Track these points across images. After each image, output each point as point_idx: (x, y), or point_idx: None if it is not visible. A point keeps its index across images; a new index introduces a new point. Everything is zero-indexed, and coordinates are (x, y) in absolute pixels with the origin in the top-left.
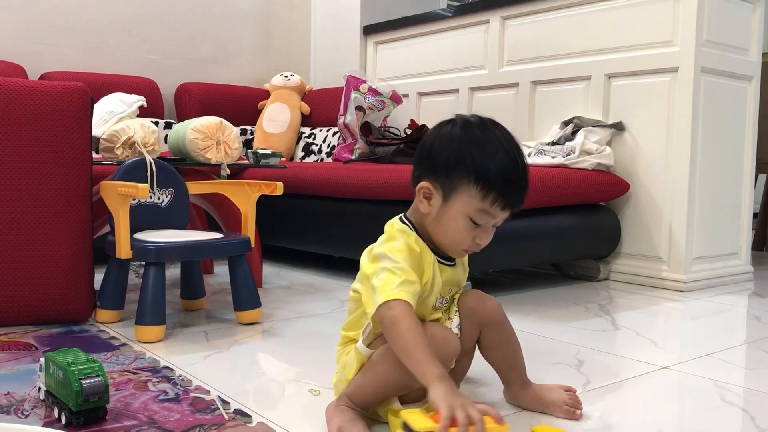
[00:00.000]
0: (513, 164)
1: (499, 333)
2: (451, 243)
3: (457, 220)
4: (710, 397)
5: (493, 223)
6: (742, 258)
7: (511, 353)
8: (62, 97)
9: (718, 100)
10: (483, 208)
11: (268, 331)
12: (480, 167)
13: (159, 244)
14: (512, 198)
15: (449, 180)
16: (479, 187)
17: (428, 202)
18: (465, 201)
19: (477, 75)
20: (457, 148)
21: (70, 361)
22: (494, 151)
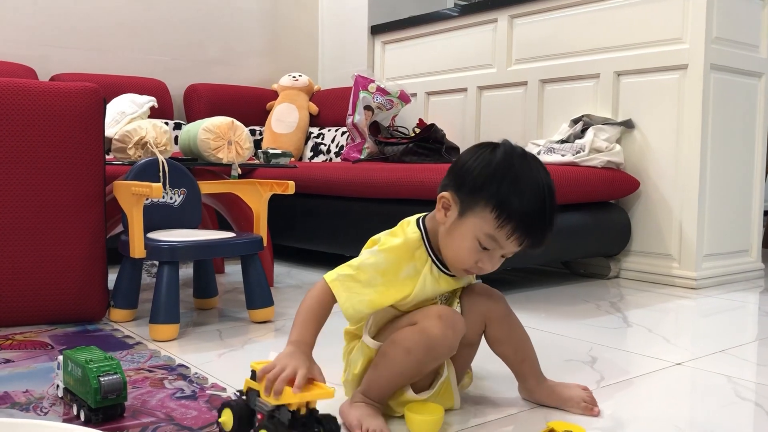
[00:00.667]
0: (538, 207)
1: (505, 326)
2: (454, 259)
3: (465, 238)
4: (725, 393)
5: (502, 253)
6: (752, 255)
7: (520, 345)
8: (75, 98)
9: (728, 97)
10: (494, 235)
11: (281, 329)
12: (504, 198)
13: (173, 243)
14: (529, 237)
15: (471, 198)
16: (495, 215)
17: (445, 213)
18: (478, 223)
19: (485, 74)
20: (489, 174)
21: (89, 359)
22: (525, 188)
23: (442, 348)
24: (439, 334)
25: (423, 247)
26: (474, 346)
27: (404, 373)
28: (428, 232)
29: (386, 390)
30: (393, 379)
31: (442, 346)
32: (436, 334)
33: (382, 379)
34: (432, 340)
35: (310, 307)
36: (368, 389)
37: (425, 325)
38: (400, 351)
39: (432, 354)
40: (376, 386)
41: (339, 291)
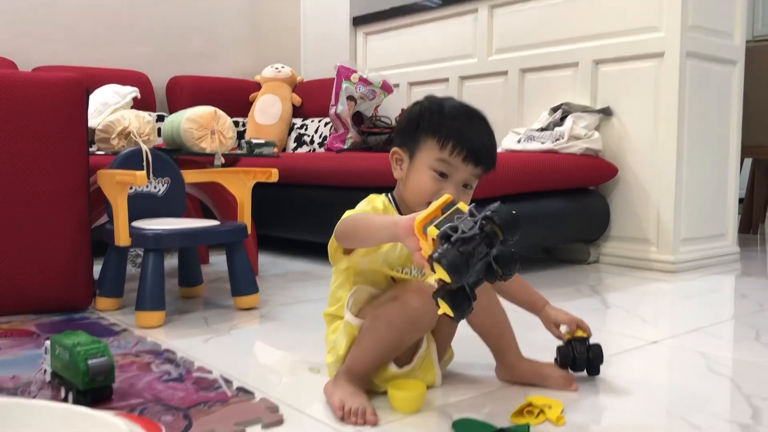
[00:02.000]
0: (468, 114)
1: (484, 299)
2: (417, 197)
3: (421, 172)
4: (698, 369)
5: (461, 177)
6: (728, 239)
7: (499, 319)
8: (58, 89)
9: (704, 84)
10: (442, 157)
11: (266, 316)
12: (438, 121)
13: (157, 231)
14: (469, 145)
15: (413, 139)
16: (437, 138)
17: (400, 166)
18: (426, 153)
19: (466, 64)
20: (418, 112)
21: (76, 342)
22: (453, 110)
23: (423, 319)
24: (419, 305)
25: (392, 209)
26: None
27: (387, 347)
28: (396, 200)
29: (370, 365)
30: (377, 354)
31: (423, 317)
32: (416, 306)
33: (366, 355)
34: (413, 311)
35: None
36: (352, 366)
37: (406, 299)
38: (382, 325)
39: (413, 326)
40: (360, 362)
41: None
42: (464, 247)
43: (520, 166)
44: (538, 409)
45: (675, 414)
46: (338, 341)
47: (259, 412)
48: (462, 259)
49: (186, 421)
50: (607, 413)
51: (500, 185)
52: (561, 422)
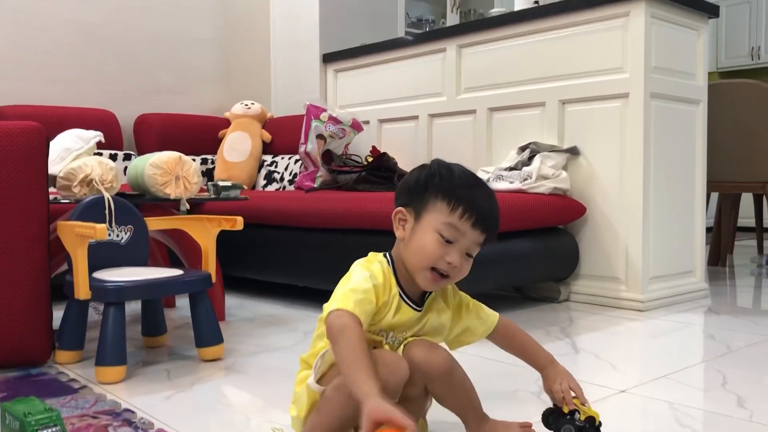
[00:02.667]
0: (480, 186)
1: (447, 384)
2: (420, 260)
3: (426, 234)
4: (666, 420)
5: (465, 244)
6: (697, 276)
7: (463, 399)
8: (17, 138)
9: (669, 123)
10: (451, 221)
11: (231, 367)
12: (448, 185)
13: (119, 284)
14: (479, 211)
15: (421, 199)
16: (447, 201)
17: (403, 227)
18: (434, 215)
19: (436, 102)
20: (427, 173)
21: (27, 412)
22: (463, 175)
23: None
24: (384, 378)
25: (391, 274)
26: (416, 401)
27: (345, 418)
28: (395, 262)
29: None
30: (334, 425)
31: (386, 390)
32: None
33: (323, 424)
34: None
35: (361, 349)
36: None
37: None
38: (341, 396)
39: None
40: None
41: (363, 318)
42: None
43: None
44: None
45: None
46: (300, 400)
47: None
48: None
49: None
50: None
51: None
52: None
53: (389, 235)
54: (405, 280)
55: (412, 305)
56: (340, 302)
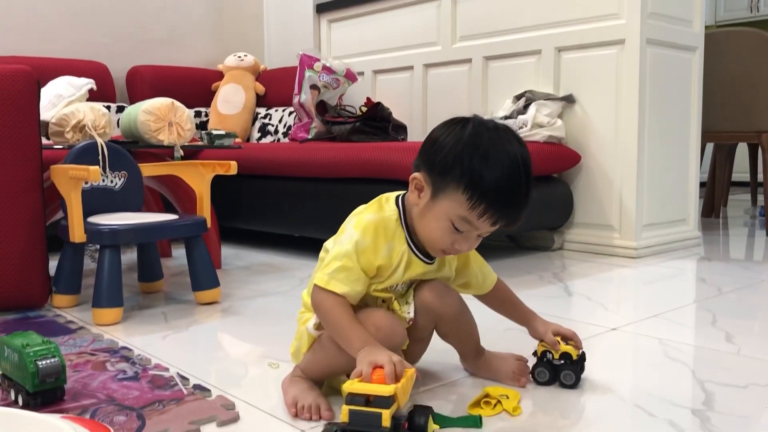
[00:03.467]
0: (511, 183)
1: (455, 324)
2: (429, 241)
3: (439, 220)
4: (655, 355)
5: (478, 233)
6: (690, 224)
7: (466, 337)
8: (7, 82)
9: (664, 70)
10: (467, 217)
11: (228, 310)
12: (474, 179)
13: (113, 227)
14: (502, 216)
15: (442, 179)
16: (467, 197)
17: (418, 194)
18: (451, 205)
19: (431, 51)
20: (459, 151)
21: (25, 344)
22: (495, 164)
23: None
24: (381, 337)
25: (401, 228)
26: (425, 341)
27: (336, 366)
28: (407, 211)
29: (321, 375)
30: (326, 368)
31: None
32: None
33: (317, 365)
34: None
35: (341, 316)
36: (305, 369)
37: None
38: (334, 348)
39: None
40: (312, 368)
41: (340, 287)
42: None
43: None
44: (495, 399)
45: (630, 401)
46: (303, 338)
47: (215, 409)
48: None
49: (140, 422)
50: (563, 401)
51: None
52: (517, 412)
53: (384, 183)
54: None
55: (424, 258)
56: (319, 277)
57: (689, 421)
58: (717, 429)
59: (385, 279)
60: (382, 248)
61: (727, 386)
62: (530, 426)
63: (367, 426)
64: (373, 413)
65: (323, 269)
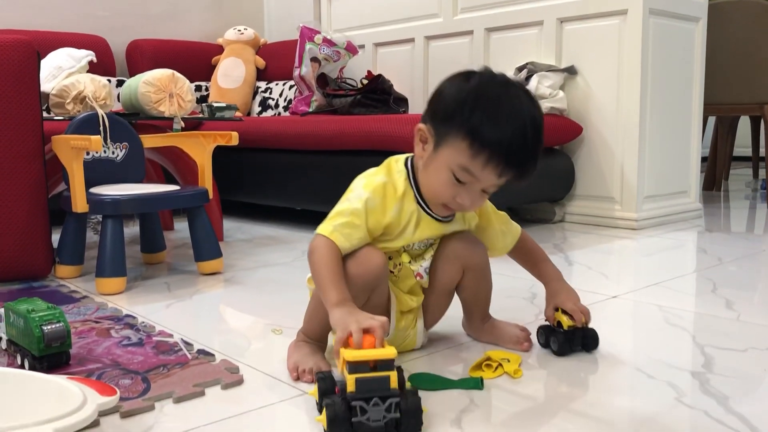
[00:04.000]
0: (517, 134)
1: (478, 277)
2: (431, 194)
3: (440, 171)
4: (656, 321)
5: (481, 187)
6: (691, 196)
7: (482, 293)
8: (6, 52)
9: (667, 41)
10: (468, 166)
11: (230, 280)
12: (476, 125)
13: (116, 197)
14: (508, 167)
15: (444, 128)
16: (467, 144)
17: (423, 146)
18: (452, 154)
19: (432, 24)
20: (461, 100)
21: (30, 309)
22: (500, 114)
23: (355, 286)
24: (352, 273)
25: (410, 188)
26: (451, 294)
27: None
28: (415, 172)
29: (318, 333)
30: (318, 325)
31: (355, 285)
32: (349, 274)
33: (311, 322)
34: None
35: (329, 266)
36: (305, 327)
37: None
38: (317, 301)
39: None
40: (310, 325)
41: (341, 241)
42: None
43: None
44: (496, 363)
45: (630, 364)
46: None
47: (219, 372)
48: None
49: (144, 384)
50: (564, 365)
51: None
52: (518, 375)
53: (385, 156)
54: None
55: (436, 216)
56: (323, 227)
57: (689, 383)
58: (716, 390)
59: (394, 237)
60: (392, 208)
61: (726, 350)
62: (531, 388)
63: (376, 391)
64: (380, 377)
65: (329, 220)
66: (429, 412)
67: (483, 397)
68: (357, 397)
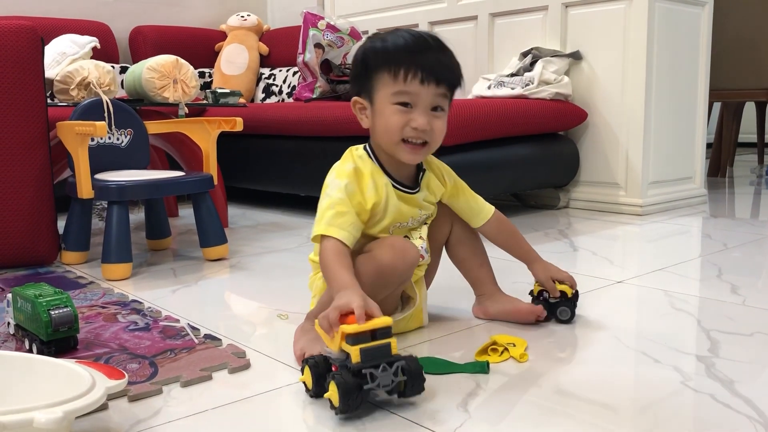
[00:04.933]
0: (415, 37)
1: (469, 228)
2: (389, 137)
3: (384, 111)
4: (661, 305)
5: (426, 102)
6: (696, 182)
7: (477, 251)
8: (10, 38)
9: (672, 26)
10: (399, 88)
11: (236, 266)
12: (382, 52)
13: (121, 183)
14: (422, 66)
15: (367, 82)
16: (387, 70)
17: (364, 114)
18: (384, 90)
19: (436, 9)
20: (364, 51)
21: (38, 294)
22: (397, 38)
23: (392, 276)
24: (389, 262)
25: (375, 165)
26: (439, 252)
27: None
28: (374, 151)
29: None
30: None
31: (392, 275)
32: (385, 262)
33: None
34: (382, 267)
35: (337, 257)
36: (317, 313)
37: (376, 253)
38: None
39: (381, 281)
40: (321, 307)
41: (338, 233)
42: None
43: (490, 112)
44: (502, 347)
45: (636, 348)
46: (320, 290)
47: (226, 357)
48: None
49: (152, 369)
50: (570, 350)
51: (471, 132)
52: (524, 359)
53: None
54: (391, 166)
55: (406, 189)
56: (317, 229)
57: (694, 367)
58: (722, 374)
59: (386, 216)
60: (368, 187)
61: (732, 334)
62: (536, 373)
63: (381, 357)
64: (383, 345)
65: (318, 222)
66: (435, 395)
67: (489, 381)
68: (364, 366)
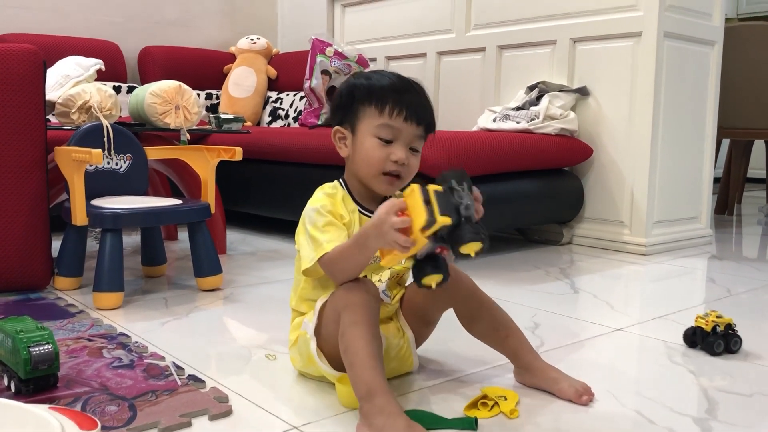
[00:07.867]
0: (400, 78)
1: (474, 302)
2: (369, 169)
3: (365, 142)
4: (659, 358)
5: (406, 139)
6: (702, 222)
7: (498, 321)
8: (12, 61)
9: (681, 64)
10: (384, 122)
11: (230, 297)
12: (369, 88)
13: (116, 211)
14: (407, 105)
15: (352, 112)
16: (373, 104)
17: (344, 143)
18: (367, 122)
19: (444, 39)
20: (349, 87)
21: (19, 329)
22: (381, 75)
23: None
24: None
25: (346, 193)
26: (432, 324)
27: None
28: (348, 183)
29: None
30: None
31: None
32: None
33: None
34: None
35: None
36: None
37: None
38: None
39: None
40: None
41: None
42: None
43: (495, 145)
44: (493, 401)
45: (631, 406)
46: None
47: (208, 402)
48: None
49: (131, 412)
50: (563, 406)
51: (474, 165)
52: (515, 415)
53: None
54: (362, 197)
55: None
56: (313, 255)
57: (690, 430)
58: None
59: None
60: (340, 206)
61: (731, 394)
62: (527, 430)
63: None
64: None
65: (311, 250)
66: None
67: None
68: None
